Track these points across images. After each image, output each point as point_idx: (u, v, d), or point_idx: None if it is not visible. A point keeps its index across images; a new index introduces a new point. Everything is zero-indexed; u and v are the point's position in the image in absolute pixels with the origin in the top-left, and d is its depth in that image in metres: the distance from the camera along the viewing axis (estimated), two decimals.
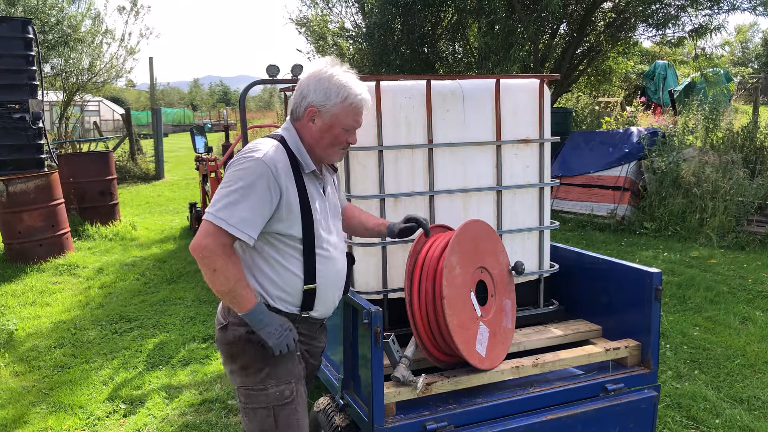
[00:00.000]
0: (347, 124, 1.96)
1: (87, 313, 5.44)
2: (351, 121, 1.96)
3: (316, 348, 2.20)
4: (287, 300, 1.99)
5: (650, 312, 2.59)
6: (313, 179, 2.01)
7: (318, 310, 2.05)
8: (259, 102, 63.47)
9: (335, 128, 1.95)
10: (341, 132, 1.97)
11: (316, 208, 1.98)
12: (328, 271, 2.02)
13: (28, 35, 8.42)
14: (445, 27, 11.27)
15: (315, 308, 2.04)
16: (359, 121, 1.99)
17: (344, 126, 1.96)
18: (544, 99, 2.88)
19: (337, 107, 1.92)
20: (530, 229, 2.95)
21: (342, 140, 1.98)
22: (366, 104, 1.98)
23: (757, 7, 9.57)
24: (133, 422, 3.56)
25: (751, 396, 3.67)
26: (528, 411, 2.41)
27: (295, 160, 1.95)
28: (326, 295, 2.05)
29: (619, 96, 16.56)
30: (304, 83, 1.95)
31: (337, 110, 1.93)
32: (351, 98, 1.93)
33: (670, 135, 8.65)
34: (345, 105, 1.93)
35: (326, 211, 2.05)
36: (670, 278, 5.89)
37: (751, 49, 41.67)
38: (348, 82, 1.94)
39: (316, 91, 1.93)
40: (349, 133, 1.99)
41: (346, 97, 1.93)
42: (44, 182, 6.90)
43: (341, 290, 2.13)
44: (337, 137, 1.97)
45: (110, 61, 15.26)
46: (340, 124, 1.95)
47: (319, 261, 1.98)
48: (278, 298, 1.98)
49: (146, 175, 14.98)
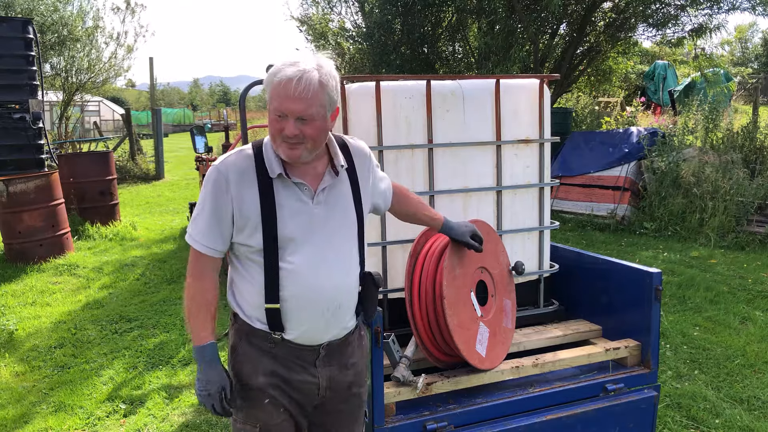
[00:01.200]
0: (274, 108, 1.67)
1: (87, 313, 5.44)
2: (276, 104, 1.66)
3: (304, 384, 1.86)
4: (255, 316, 1.82)
5: (650, 312, 2.59)
6: (289, 186, 1.77)
7: (291, 332, 1.80)
8: (259, 102, 63.46)
9: (270, 115, 1.71)
10: (274, 120, 1.69)
11: (284, 217, 1.74)
12: (294, 290, 1.76)
13: (28, 35, 8.42)
14: (445, 27, 11.27)
15: (287, 330, 1.80)
16: (285, 105, 1.65)
17: (273, 112, 1.69)
18: (544, 99, 2.88)
19: (268, 90, 1.69)
20: (530, 229, 2.94)
21: (277, 130, 1.69)
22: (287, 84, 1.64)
23: (757, 6, 9.57)
24: (133, 422, 3.56)
25: (751, 396, 3.67)
26: (528, 411, 2.40)
27: (263, 164, 1.75)
28: (296, 316, 1.79)
29: (619, 96, 16.57)
30: None
31: (269, 93, 1.68)
32: (273, 76, 1.66)
33: (670, 135, 8.65)
34: (270, 87, 1.68)
35: (309, 221, 1.78)
36: (670, 278, 5.89)
37: (750, 49, 41.67)
38: (285, 61, 1.68)
39: None
40: (281, 120, 1.68)
41: (271, 78, 1.67)
42: (44, 182, 6.90)
43: (322, 315, 1.81)
44: (272, 127, 1.70)
45: (109, 60, 15.28)
46: (272, 108, 1.69)
47: (284, 276, 1.75)
48: (251, 316, 1.83)
49: (146, 175, 14.98)
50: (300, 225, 1.77)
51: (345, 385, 1.93)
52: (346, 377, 1.92)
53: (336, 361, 1.89)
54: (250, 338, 1.85)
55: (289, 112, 1.66)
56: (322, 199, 1.81)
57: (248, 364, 1.85)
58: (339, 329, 1.87)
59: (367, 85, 2.65)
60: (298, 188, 1.78)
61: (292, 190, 1.77)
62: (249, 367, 1.85)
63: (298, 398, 1.88)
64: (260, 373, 1.84)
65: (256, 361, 1.84)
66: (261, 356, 1.84)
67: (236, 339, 1.88)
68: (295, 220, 1.76)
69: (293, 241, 1.76)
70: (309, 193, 1.79)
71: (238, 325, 1.88)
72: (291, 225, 1.76)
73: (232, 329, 1.90)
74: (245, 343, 1.85)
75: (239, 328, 1.87)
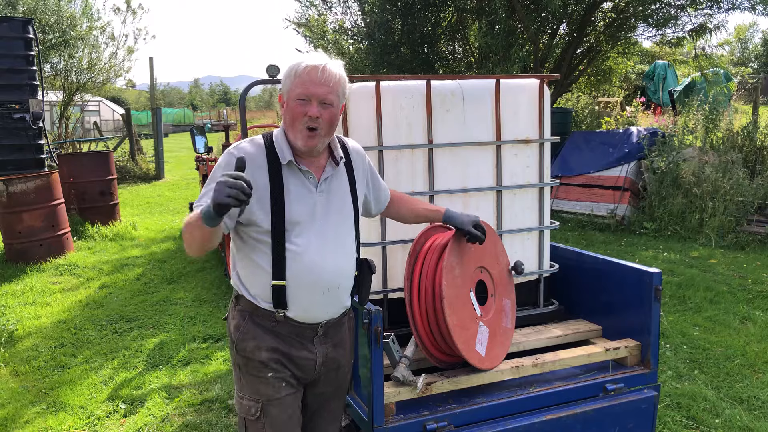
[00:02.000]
0: (298, 94, 1.85)
1: (87, 313, 5.44)
2: (300, 90, 1.85)
3: (303, 360, 2.00)
4: (260, 295, 1.95)
5: (650, 312, 2.59)
6: (297, 173, 1.93)
7: (293, 309, 1.94)
8: (259, 102, 63.53)
9: (290, 103, 1.88)
10: (296, 105, 1.86)
11: (291, 201, 1.90)
12: (299, 269, 1.90)
13: (28, 35, 8.43)
14: (445, 27, 11.26)
15: (290, 308, 1.93)
16: (310, 89, 1.84)
17: (296, 97, 1.86)
18: (544, 99, 2.88)
19: (288, 83, 1.88)
20: (530, 229, 2.94)
21: (299, 114, 1.86)
22: (313, 70, 1.84)
23: (757, 6, 9.56)
24: (133, 422, 3.56)
25: (751, 396, 3.67)
26: (528, 411, 2.40)
27: (274, 151, 1.91)
28: (299, 295, 1.93)
29: (619, 96, 16.56)
30: None
31: (288, 86, 1.88)
32: (295, 68, 1.87)
33: (669, 135, 8.65)
34: (292, 77, 1.87)
35: (313, 207, 1.94)
36: (670, 278, 5.89)
37: (750, 49, 41.68)
38: (301, 57, 1.89)
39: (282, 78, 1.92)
40: (305, 106, 1.86)
41: (292, 68, 1.87)
42: (44, 182, 6.91)
43: (322, 294, 1.95)
44: (293, 113, 1.87)
45: (109, 60, 15.28)
46: (293, 97, 1.87)
47: (290, 257, 1.90)
48: (255, 295, 1.96)
49: (146, 175, 14.98)
50: (305, 210, 1.92)
51: (337, 362, 2.10)
52: (338, 354, 2.09)
53: (331, 340, 2.06)
54: (254, 317, 1.97)
55: (313, 96, 1.85)
56: (325, 188, 1.97)
57: (252, 341, 1.97)
58: (337, 308, 2.03)
59: (367, 85, 2.65)
60: (304, 176, 1.94)
61: (299, 177, 1.93)
62: (253, 343, 1.97)
63: (299, 374, 2.02)
64: (263, 349, 1.96)
65: (259, 338, 1.96)
66: (264, 334, 1.96)
67: (240, 319, 2.00)
68: (301, 204, 1.92)
69: (299, 224, 1.91)
70: (313, 181, 1.95)
71: (242, 306, 2.00)
72: (297, 209, 1.91)
73: (235, 311, 2.02)
74: (249, 322, 1.98)
75: (243, 308, 1.99)
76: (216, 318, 5.18)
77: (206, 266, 6.78)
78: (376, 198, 2.25)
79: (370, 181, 2.20)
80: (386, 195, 2.30)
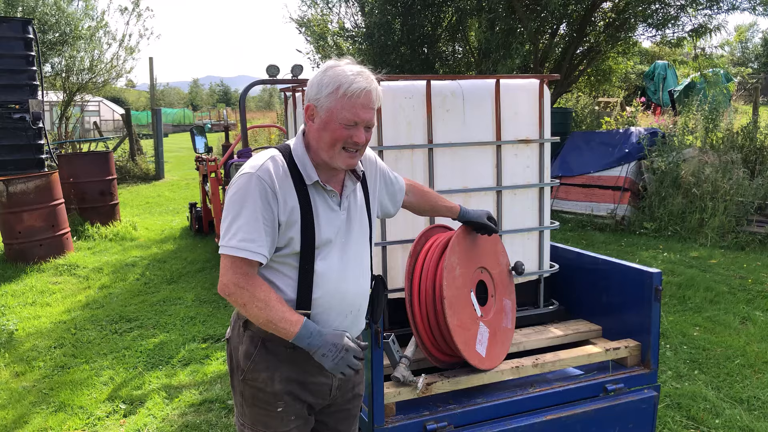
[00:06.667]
0: (344, 118, 1.73)
1: (87, 313, 5.44)
2: (348, 115, 1.72)
3: (319, 386, 1.90)
4: None
5: (650, 312, 2.59)
6: (322, 192, 1.82)
7: None
8: (259, 102, 63.49)
9: (332, 124, 1.74)
10: (340, 128, 1.74)
11: (321, 224, 1.79)
12: (325, 294, 1.80)
13: (28, 35, 8.43)
14: (445, 27, 11.27)
15: None
16: (360, 115, 1.74)
17: (341, 121, 1.73)
18: (544, 99, 2.88)
19: (330, 100, 1.73)
20: (530, 229, 2.95)
21: (342, 138, 1.74)
22: (366, 95, 1.73)
23: (757, 6, 9.57)
24: (133, 422, 3.56)
25: (751, 396, 3.67)
26: (528, 411, 2.40)
27: (296, 170, 1.79)
28: (324, 320, 1.82)
29: (619, 96, 16.56)
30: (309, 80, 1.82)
31: (330, 103, 1.73)
32: (344, 88, 1.71)
33: (669, 135, 8.66)
34: (338, 96, 1.72)
35: (339, 227, 1.84)
36: (670, 278, 5.89)
37: (750, 49, 41.68)
38: (344, 72, 1.73)
39: (312, 85, 1.77)
40: (351, 130, 1.74)
41: (338, 86, 1.72)
42: (44, 182, 6.91)
43: (346, 317, 1.87)
44: (335, 136, 1.74)
45: (111, 60, 15.28)
46: (336, 119, 1.73)
47: (316, 282, 1.79)
48: None
49: (146, 175, 14.98)
50: (332, 231, 1.83)
51: (351, 384, 2.00)
52: (353, 377, 1.96)
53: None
54: (266, 344, 1.83)
55: (362, 121, 1.76)
56: (346, 205, 1.88)
57: (265, 372, 1.84)
58: (358, 329, 1.95)
59: None
60: (328, 195, 1.84)
61: (323, 196, 1.83)
62: (266, 374, 1.84)
63: (311, 401, 1.90)
64: (277, 381, 1.84)
65: (273, 368, 1.84)
66: (279, 363, 1.84)
67: (250, 345, 1.85)
68: (329, 226, 1.82)
69: (326, 246, 1.81)
70: (336, 199, 1.86)
71: (252, 331, 1.85)
72: (326, 230, 1.81)
73: (244, 336, 1.87)
74: (262, 350, 1.84)
75: (254, 334, 1.85)
76: (216, 318, 5.18)
77: (206, 266, 6.78)
78: (392, 198, 2.16)
79: (383, 184, 2.10)
80: (401, 188, 2.19)
